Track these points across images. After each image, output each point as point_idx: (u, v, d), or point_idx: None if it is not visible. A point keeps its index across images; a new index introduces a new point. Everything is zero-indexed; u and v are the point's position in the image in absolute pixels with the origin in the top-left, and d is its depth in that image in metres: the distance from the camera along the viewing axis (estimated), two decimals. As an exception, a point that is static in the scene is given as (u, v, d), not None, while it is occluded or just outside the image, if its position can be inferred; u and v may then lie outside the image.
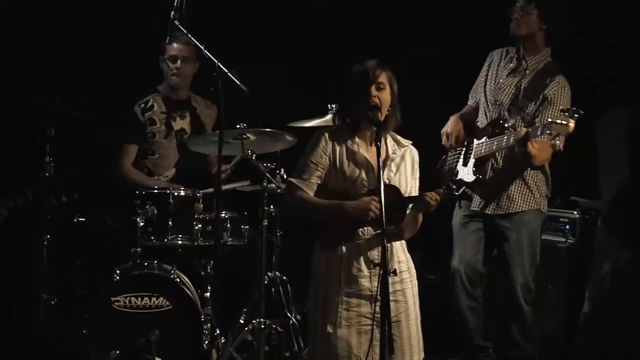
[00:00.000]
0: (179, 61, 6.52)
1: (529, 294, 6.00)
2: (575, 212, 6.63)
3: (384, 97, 4.70)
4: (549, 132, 5.46)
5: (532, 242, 6.02)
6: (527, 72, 6.00)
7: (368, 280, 4.71)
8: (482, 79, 6.21)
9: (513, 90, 5.98)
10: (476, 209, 6.03)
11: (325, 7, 7.13)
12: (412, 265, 4.85)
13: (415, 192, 4.82)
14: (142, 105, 6.62)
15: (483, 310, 6.10)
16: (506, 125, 5.89)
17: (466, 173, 6.01)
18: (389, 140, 4.81)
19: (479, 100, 6.19)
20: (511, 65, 6.05)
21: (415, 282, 4.86)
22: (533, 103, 5.91)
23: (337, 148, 4.75)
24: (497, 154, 5.96)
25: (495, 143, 5.90)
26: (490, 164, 5.99)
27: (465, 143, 6.14)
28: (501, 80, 6.02)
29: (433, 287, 6.35)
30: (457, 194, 4.64)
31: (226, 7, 7.09)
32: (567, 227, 6.62)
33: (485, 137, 5.99)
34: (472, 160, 6.01)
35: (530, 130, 5.63)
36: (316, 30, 7.12)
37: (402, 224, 4.73)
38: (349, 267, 4.71)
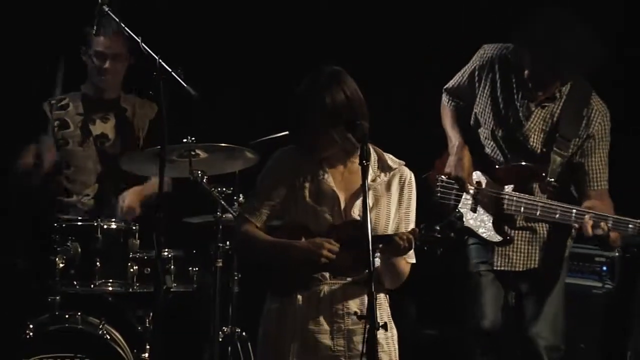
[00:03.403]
0: (108, 60, 6.06)
1: (557, 353, 5.50)
2: (614, 250, 6.23)
3: None
4: None
5: (562, 287, 5.50)
6: (561, 101, 5.38)
7: (329, 338, 4.37)
8: (476, 87, 5.47)
9: (544, 128, 5.38)
10: (499, 267, 5.46)
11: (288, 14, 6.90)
12: (390, 318, 4.49)
13: (407, 227, 4.43)
14: (53, 102, 6.15)
15: None
16: (550, 185, 5.31)
17: (487, 228, 5.41)
18: (371, 161, 4.46)
19: (479, 119, 5.49)
20: (532, 96, 5.30)
21: (396, 337, 4.47)
22: (573, 143, 5.37)
23: (299, 173, 4.43)
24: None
25: (535, 209, 5.31)
26: (511, 222, 5.43)
27: (475, 181, 5.49)
28: (521, 115, 5.34)
29: (434, 345, 6.24)
30: (439, 236, 4.29)
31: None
32: (604, 268, 6.29)
33: (509, 187, 5.37)
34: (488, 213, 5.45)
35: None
36: (284, 37, 6.87)
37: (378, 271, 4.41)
38: (304, 321, 4.38)
